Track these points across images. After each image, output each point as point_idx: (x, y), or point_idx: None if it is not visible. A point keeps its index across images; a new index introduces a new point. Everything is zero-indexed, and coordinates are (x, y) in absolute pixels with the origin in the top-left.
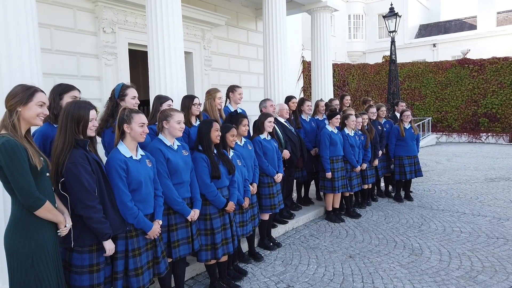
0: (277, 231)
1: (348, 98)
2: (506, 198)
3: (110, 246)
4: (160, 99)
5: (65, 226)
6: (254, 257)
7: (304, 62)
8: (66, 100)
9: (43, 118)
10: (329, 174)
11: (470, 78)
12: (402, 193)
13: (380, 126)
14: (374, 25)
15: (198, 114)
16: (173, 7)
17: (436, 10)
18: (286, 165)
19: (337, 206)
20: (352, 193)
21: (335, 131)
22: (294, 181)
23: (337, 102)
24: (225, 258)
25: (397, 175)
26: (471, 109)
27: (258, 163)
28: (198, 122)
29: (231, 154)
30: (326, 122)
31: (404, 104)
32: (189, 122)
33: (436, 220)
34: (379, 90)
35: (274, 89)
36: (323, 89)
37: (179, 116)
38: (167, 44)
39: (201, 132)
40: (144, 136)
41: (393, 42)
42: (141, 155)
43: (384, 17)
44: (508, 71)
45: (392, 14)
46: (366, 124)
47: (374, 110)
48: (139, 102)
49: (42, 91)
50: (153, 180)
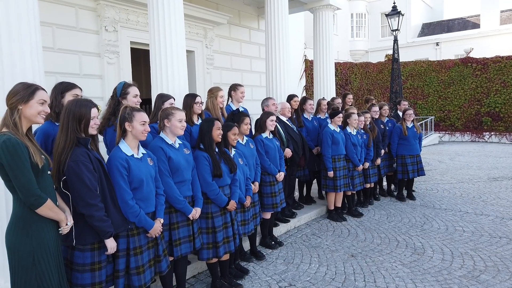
0: (279, 230)
1: (350, 97)
2: (509, 197)
3: (112, 244)
4: (162, 98)
5: (66, 224)
6: (255, 255)
7: (306, 61)
8: (68, 98)
9: (45, 116)
10: (331, 173)
11: (473, 77)
12: (405, 192)
13: (382, 125)
14: (376, 23)
15: (200, 112)
16: (175, 6)
17: (439, 8)
18: (288, 164)
19: (339, 205)
20: (354, 192)
21: (337, 130)
22: (296, 180)
23: (339, 100)
24: (226, 257)
25: (399, 174)
26: (474, 108)
27: (260, 162)
28: (200, 121)
29: (233, 152)
30: (328, 121)
31: (406, 103)
32: (191, 121)
33: (438, 219)
34: (382, 89)
35: (276, 87)
36: (326, 88)
37: (181, 114)
38: (169, 42)
39: (202, 130)
40: (145, 134)
41: (396, 40)
42: (142, 154)
43: (387, 15)
44: (511, 70)
45: (395, 12)
46: (368, 123)
47: (376, 108)
48: (141, 101)
49: (43, 89)
50: (154, 178)
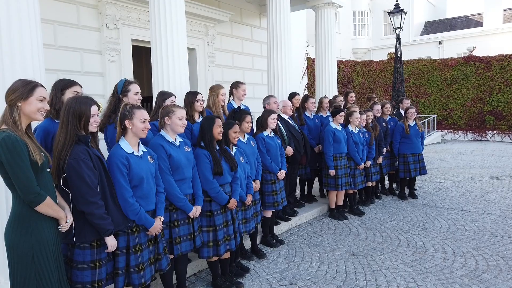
0: (280, 228)
1: (352, 95)
2: (511, 196)
3: (112, 242)
4: (163, 95)
5: (66, 222)
6: (256, 254)
7: (308, 59)
8: (68, 95)
9: (44, 113)
10: (332, 172)
11: (476, 75)
12: (406, 190)
13: (384, 123)
14: (379, 22)
15: (201, 110)
16: (176, 3)
17: (442, 6)
18: (289, 162)
19: (340, 203)
20: (355, 190)
21: (339, 128)
22: (298, 178)
23: (341, 98)
24: (227, 255)
25: (401, 173)
26: (477, 106)
27: (261, 160)
28: (201, 119)
29: (234, 150)
30: (330, 119)
31: (408, 101)
32: (192, 118)
33: (440, 218)
34: (384, 87)
35: (277, 86)
36: (328, 86)
37: (181, 112)
38: (170, 40)
39: (203, 128)
40: (145, 132)
41: (398, 38)
42: (142, 151)
43: (389, 13)
44: None
45: (397, 10)
46: (370, 121)
47: (378, 107)
48: (142, 98)
49: (43, 86)
50: (155, 176)
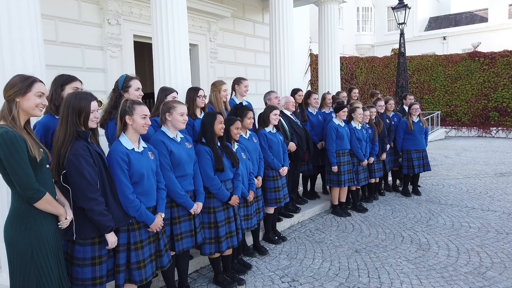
0: (282, 225)
1: (356, 91)
2: None
3: (112, 238)
4: (164, 91)
5: (65, 219)
6: (258, 250)
7: (311, 55)
8: (68, 91)
9: (42, 109)
10: (335, 168)
11: (481, 71)
12: (410, 187)
13: (388, 120)
14: (383, 17)
15: (203, 106)
16: None
17: (446, 2)
18: (292, 158)
19: (343, 200)
20: (359, 187)
21: (342, 124)
22: (300, 174)
23: (344, 94)
24: (229, 252)
25: (405, 169)
26: (481, 103)
27: (263, 156)
28: (203, 115)
29: (236, 147)
30: (333, 115)
31: (412, 97)
32: (193, 114)
33: (444, 215)
34: (388, 83)
35: (280, 82)
36: (331, 82)
37: (182, 108)
38: (172, 35)
39: (204, 124)
40: (146, 128)
41: (402, 34)
42: (143, 147)
43: (393, 8)
44: None
45: (401, 5)
46: (374, 117)
47: (382, 103)
48: (143, 94)
49: (41, 81)
50: (155, 172)
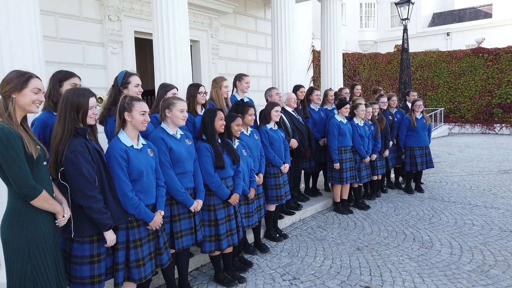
0: (284, 222)
1: (358, 88)
2: None
3: (111, 236)
4: (165, 88)
5: (63, 217)
6: (260, 248)
7: (314, 52)
8: (66, 87)
9: (39, 105)
10: (337, 165)
11: (485, 67)
12: (413, 184)
13: (391, 116)
14: (386, 13)
15: (204, 103)
16: None
17: None
18: (294, 155)
19: (345, 197)
20: (361, 184)
21: (344, 121)
22: (302, 171)
23: (347, 91)
24: (229, 250)
25: (407, 166)
26: (485, 99)
27: (265, 153)
28: (203, 111)
29: (237, 144)
30: (335, 111)
31: (415, 93)
32: (194, 111)
33: (447, 212)
34: (391, 80)
35: (282, 78)
36: (333, 78)
37: (182, 104)
38: (173, 31)
39: (205, 121)
40: (145, 124)
41: (405, 30)
42: (142, 144)
43: (396, 4)
44: None
45: (404, 1)
46: (376, 114)
47: (384, 99)
48: (143, 90)
49: (38, 77)
50: (155, 170)
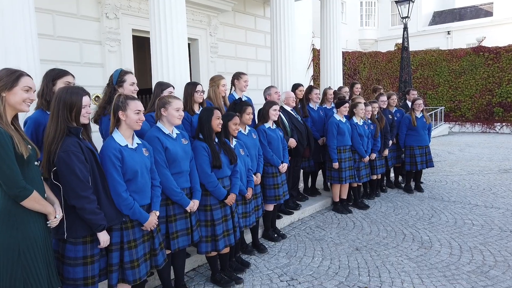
0: (282, 222)
1: (358, 86)
2: None
3: (104, 237)
4: (161, 86)
5: (55, 217)
6: (257, 248)
7: (314, 50)
8: (59, 85)
9: (30, 104)
10: (336, 164)
11: (485, 66)
12: (412, 184)
13: (390, 115)
14: (386, 12)
15: (201, 101)
16: None
17: None
18: (292, 154)
19: (344, 197)
20: (360, 183)
21: (343, 120)
22: (301, 171)
23: (346, 89)
24: (226, 250)
25: (407, 166)
26: (486, 98)
27: (263, 153)
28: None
29: (234, 143)
30: (334, 110)
31: (415, 92)
32: (191, 110)
33: (447, 212)
34: (391, 78)
35: (281, 77)
36: (332, 77)
37: (178, 103)
38: (170, 29)
39: (201, 120)
40: (140, 123)
41: (405, 28)
42: (137, 144)
43: (396, 2)
44: None
45: None
46: (376, 113)
47: (384, 98)
48: (139, 89)
49: (28, 75)
50: (150, 169)
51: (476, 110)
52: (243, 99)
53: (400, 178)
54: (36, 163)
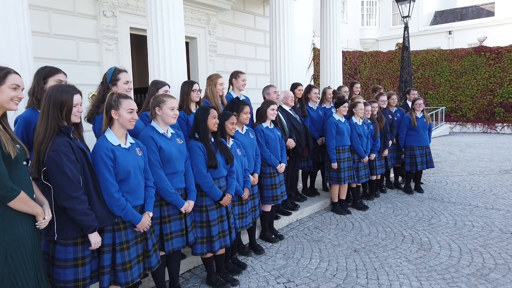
0: (280, 223)
1: (358, 86)
2: None
3: (96, 239)
4: (156, 85)
5: (44, 219)
6: (254, 249)
7: (314, 50)
8: (51, 83)
9: (18, 103)
10: (334, 165)
11: (486, 66)
12: (412, 184)
13: (390, 115)
14: (388, 11)
15: (198, 100)
16: None
17: None
18: (291, 155)
19: (343, 197)
20: (359, 184)
21: (342, 120)
22: (300, 171)
23: (346, 89)
24: (222, 251)
25: (407, 166)
26: (487, 98)
27: (260, 153)
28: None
29: (231, 143)
30: (334, 110)
31: (416, 92)
32: (188, 109)
33: (447, 213)
34: (392, 78)
35: (280, 76)
36: (332, 76)
37: (173, 102)
38: (167, 26)
39: (197, 119)
40: (133, 123)
41: (406, 28)
42: (130, 143)
43: (397, 1)
44: None
45: None
46: (376, 112)
47: (384, 98)
48: (137, 88)
49: (16, 73)
50: (144, 169)
51: (477, 110)
52: (241, 99)
53: (400, 179)
54: (24, 163)
